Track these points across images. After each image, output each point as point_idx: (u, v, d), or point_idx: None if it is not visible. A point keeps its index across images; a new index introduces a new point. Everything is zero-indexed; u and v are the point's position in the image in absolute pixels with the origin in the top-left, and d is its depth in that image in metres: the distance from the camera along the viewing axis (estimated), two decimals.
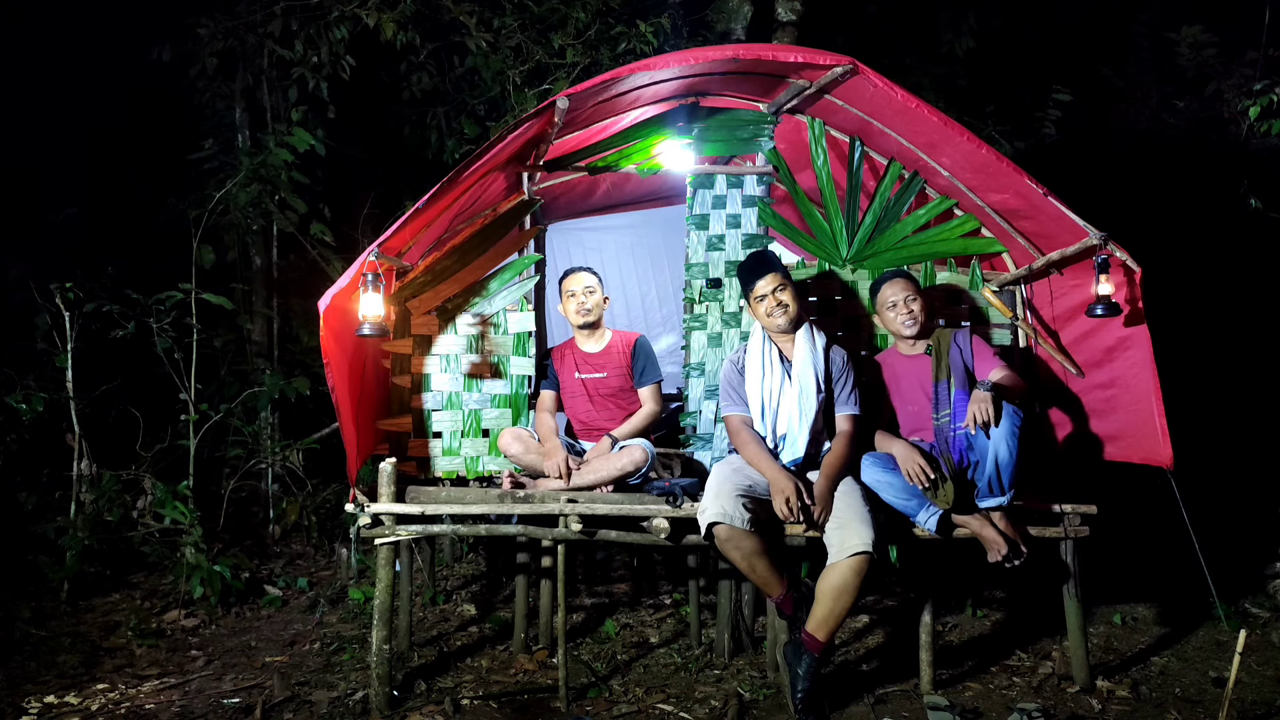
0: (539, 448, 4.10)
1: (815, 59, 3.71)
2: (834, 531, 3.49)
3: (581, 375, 4.35)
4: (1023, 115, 7.50)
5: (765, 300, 3.80)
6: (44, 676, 3.99)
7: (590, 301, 4.29)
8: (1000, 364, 3.85)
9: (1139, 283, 3.74)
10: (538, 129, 3.83)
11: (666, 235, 5.90)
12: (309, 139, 6.03)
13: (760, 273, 3.81)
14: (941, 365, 3.85)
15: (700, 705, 3.69)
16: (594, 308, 4.30)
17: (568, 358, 4.38)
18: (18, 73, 6.52)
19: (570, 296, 4.30)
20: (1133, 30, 8.43)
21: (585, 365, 4.36)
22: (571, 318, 4.32)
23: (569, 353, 4.39)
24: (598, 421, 4.33)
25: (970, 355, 3.89)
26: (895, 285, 3.94)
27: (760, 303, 3.82)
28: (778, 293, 3.79)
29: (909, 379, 3.95)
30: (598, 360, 4.36)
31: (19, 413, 5.12)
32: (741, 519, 3.48)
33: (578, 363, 4.36)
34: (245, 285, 6.58)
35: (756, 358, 3.87)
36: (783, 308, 3.79)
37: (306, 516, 5.99)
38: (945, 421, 3.79)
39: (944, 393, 3.81)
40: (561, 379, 4.38)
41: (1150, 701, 3.75)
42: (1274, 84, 6.62)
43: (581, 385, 4.35)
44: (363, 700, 3.70)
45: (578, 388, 4.36)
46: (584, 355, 4.37)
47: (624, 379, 4.33)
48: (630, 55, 6.40)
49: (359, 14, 6.16)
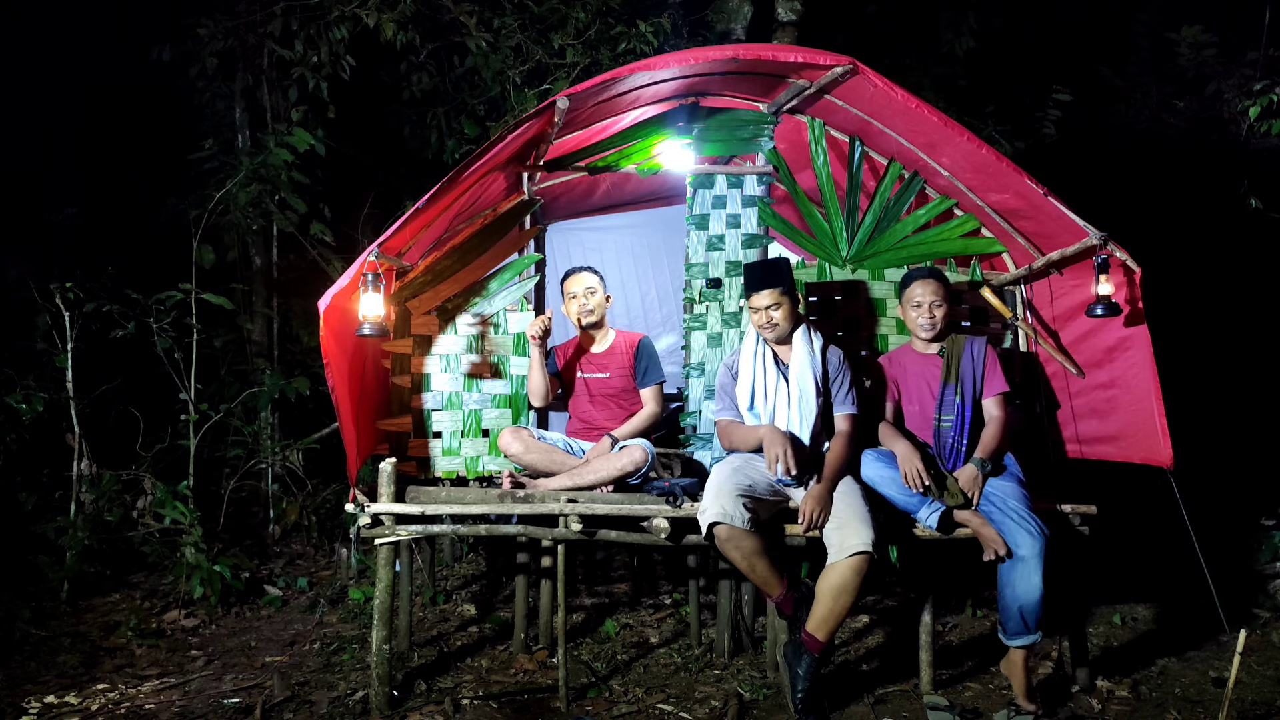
0: (540, 446, 4.10)
1: (815, 59, 3.71)
2: (834, 531, 3.48)
3: (585, 375, 4.35)
4: (1023, 115, 7.49)
5: (759, 313, 3.82)
6: (44, 676, 3.99)
7: (592, 302, 4.29)
8: (1000, 392, 3.85)
9: (1139, 283, 3.74)
10: (538, 129, 3.83)
11: (666, 235, 5.90)
12: (309, 139, 6.03)
13: (760, 286, 3.79)
14: (952, 370, 3.85)
15: (700, 705, 3.69)
16: (596, 308, 4.30)
17: (572, 355, 4.40)
18: (18, 73, 6.52)
19: (572, 298, 4.31)
20: (1133, 30, 8.44)
21: (589, 365, 4.37)
22: (574, 318, 4.32)
23: (574, 351, 4.40)
24: (599, 421, 4.32)
25: (982, 367, 3.89)
26: (926, 286, 3.91)
27: (755, 313, 3.84)
28: (771, 310, 3.78)
29: (917, 377, 3.94)
30: (601, 360, 4.36)
31: (19, 413, 5.12)
32: (742, 519, 3.47)
33: (581, 362, 4.37)
34: (245, 285, 6.57)
35: (750, 361, 3.86)
36: (773, 326, 3.79)
37: (306, 516, 5.99)
38: (947, 426, 3.80)
39: (950, 396, 3.82)
40: (564, 376, 4.39)
41: (1150, 701, 3.75)
42: (1274, 84, 6.63)
43: (584, 385, 4.35)
44: (363, 700, 3.70)
45: (580, 387, 4.36)
46: (588, 355, 4.38)
47: (627, 379, 4.33)
48: (630, 55, 6.40)
49: (359, 14, 6.16)
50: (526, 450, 4.07)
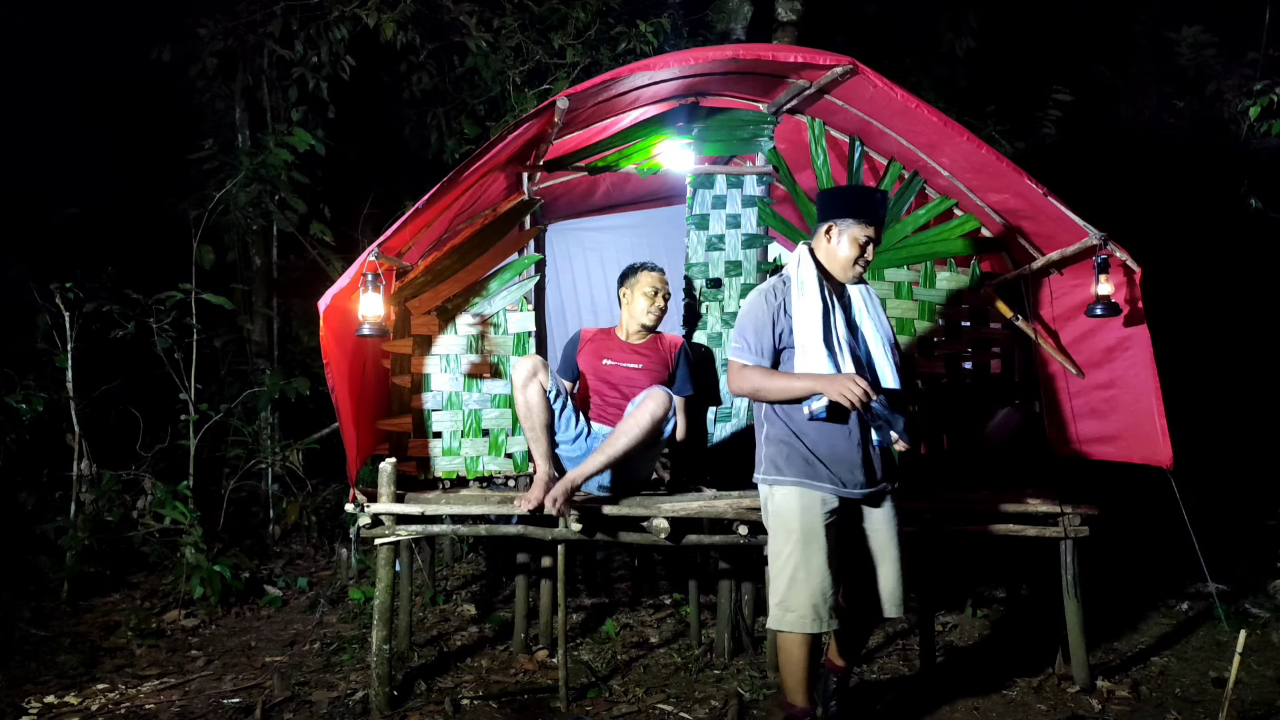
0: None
1: (815, 59, 3.71)
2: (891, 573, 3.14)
3: (613, 361, 4.11)
4: (1023, 115, 7.49)
5: (861, 247, 3.10)
6: (44, 676, 3.99)
7: (664, 303, 4.13)
8: None
9: (1139, 283, 3.74)
10: (538, 129, 3.83)
11: (666, 235, 5.90)
12: (309, 139, 6.03)
13: (875, 216, 3.13)
14: None
15: (700, 705, 3.69)
16: (665, 309, 4.15)
17: (599, 343, 4.18)
18: (18, 72, 6.52)
19: (644, 295, 4.09)
20: (1133, 30, 8.43)
21: (621, 352, 4.14)
22: (640, 318, 4.10)
23: (602, 338, 4.20)
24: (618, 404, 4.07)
25: None
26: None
27: (853, 245, 3.10)
28: (871, 246, 3.13)
29: None
30: (641, 349, 4.14)
31: (19, 413, 5.12)
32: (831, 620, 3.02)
33: (612, 348, 4.15)
34: (245, 285, 6.58)
35: (816, 295, 3.06)
36: (866, 263, 3.15)
37: (306, 516, 5.99)
38: None
39: None
40: (586, 361, 4.16)
41: (1150, 701, 3.75)
42: (1274, 84, 6.63)
43: (609, 370, 4.12)
44: (363, 700, 3.70)
45: (604, 372, 4.13)
46: (621, 343, 4.17)
47: (659, 375, 4.09)
48: (630, 55, 6.41)
49: (359, 14, 6.16)
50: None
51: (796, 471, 3.04)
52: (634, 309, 4.13)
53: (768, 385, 3.03)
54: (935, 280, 4.37)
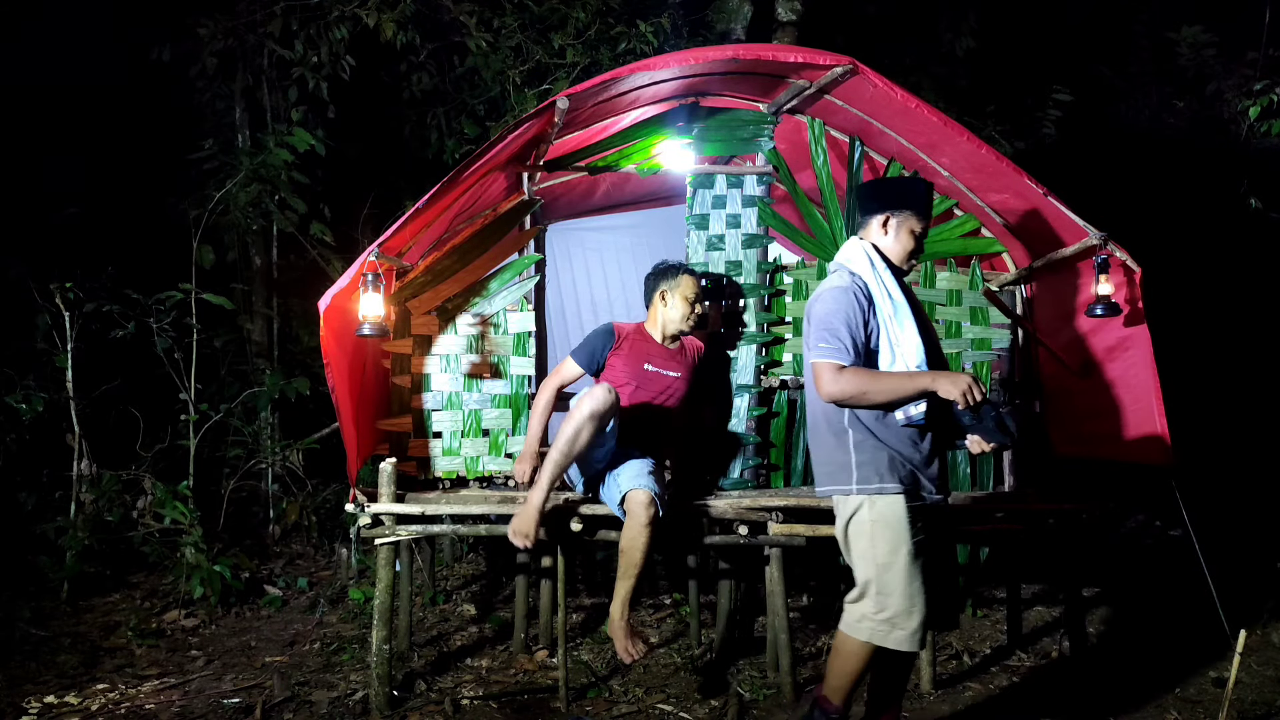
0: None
1: (815, 59, 3.71)
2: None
3: (655, 368, 3.88)
4: (1023, 115, 7.50)
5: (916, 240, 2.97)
6: (44, 676, 3.99)
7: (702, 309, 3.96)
8: None
9: (1139, 283, 3.74)
10: (538, 129, 3.83)
11: (666, 235, 5.88)
12: (309, 139, 6.03)
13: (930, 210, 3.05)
14: None
15: (700, 705, 3.69)
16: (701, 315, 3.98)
17: (639, 345, 3.90)
18: (18, 72, 6.51)
19: (685, 300, 3.88)
20: (1133, 30, 8.43)
21: (659, 359, 3.90)
22: (679, 324, 3.90)
23: (640, 340, 3.93)
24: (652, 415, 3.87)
25: None
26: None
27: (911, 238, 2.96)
28: (922, 242, 3.00)
29: None
30: (677, 355, 3.96)
31: (19, 413, 5.12)
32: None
33: (652, 353, 3.91)
34: (245, 285, 6.58)
35: (898, 291, 2.89)
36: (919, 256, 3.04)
37: (306, 516, 5.99)
38: None
39: None
40: (625, 361, 3.86)
41: (1150, 701, 3.75)
42: (1274, 84, 6.63)
43: (651, 378, 3.87)
44: (363, 700, 3.70)
45: (645, 378, 3.86)
46: (660, 348, 3.93)
47: (691, 383, 3.97)
48: (630, 55, 6.41)
49: (359, 14, 6.16)
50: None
51: (900, 480, 2.80)
52: (672, 314, 3.91)
53: (875, 387, 2.73)
54: (935, 280, 4.37)
